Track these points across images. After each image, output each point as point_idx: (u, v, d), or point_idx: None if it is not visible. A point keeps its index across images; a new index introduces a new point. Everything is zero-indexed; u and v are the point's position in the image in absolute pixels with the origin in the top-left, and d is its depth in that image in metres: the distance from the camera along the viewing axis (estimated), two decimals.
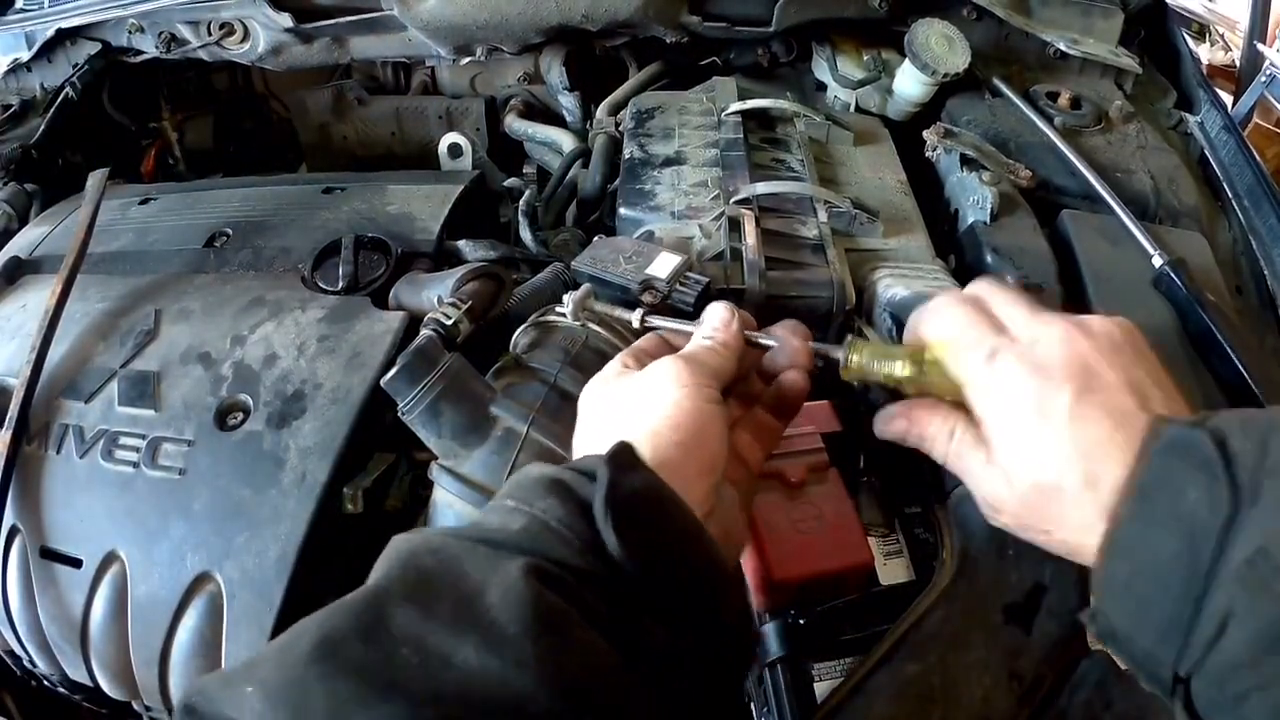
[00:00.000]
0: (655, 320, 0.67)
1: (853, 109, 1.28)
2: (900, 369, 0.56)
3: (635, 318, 0.68)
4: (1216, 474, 0.45)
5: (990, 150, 1.08)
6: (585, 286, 0.75)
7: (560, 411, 0.68)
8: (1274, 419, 0.47)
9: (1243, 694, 0.43)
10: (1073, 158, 1.08)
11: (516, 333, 0.78)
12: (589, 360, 0.72)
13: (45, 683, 0.86)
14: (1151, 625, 0.47)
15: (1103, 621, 0.50)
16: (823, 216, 0.92)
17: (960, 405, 0.55)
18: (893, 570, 0.73)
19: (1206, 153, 1.23)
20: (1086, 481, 0.49)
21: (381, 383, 0.68)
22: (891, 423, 0.59)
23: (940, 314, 0.57)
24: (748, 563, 0.71)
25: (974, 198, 0.99)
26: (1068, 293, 0.93)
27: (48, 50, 1.41)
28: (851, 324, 0.87)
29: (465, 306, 0.73)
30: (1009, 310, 0.55)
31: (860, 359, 0.58)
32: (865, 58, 1.27)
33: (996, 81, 1.23)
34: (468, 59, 1.36)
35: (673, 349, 0.60)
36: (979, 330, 0.54)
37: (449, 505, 0.68)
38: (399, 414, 0.68)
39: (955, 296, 0.58)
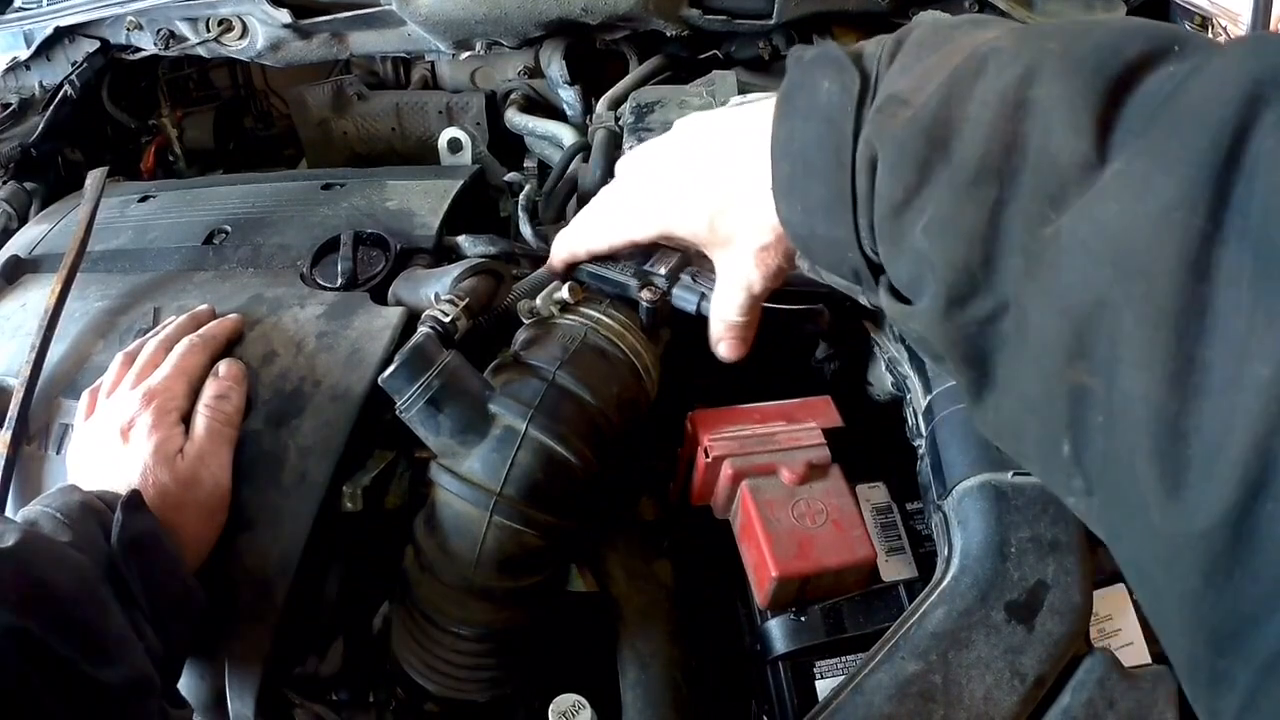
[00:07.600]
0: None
1: None
2: None
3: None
4: (845, 66, 0.49)
5: None
6: (554, 284, 0.76)
7: (559, 408, 0.68)
8: (910, 29, 0.51)
9: (910, 228, 0.44)
10: None
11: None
12: (587, 358, 0.72)
13: None
14: (821, 207, 0.50)
15: (791, 231, 0.54)
16: None
17: None
18: (895, 567, 0.72)
19: None
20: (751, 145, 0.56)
21: (379, 381, 0.68)
22: None
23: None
24: (749, 559, 0.71)
25: None
26: None
27: (46, 48, 1.40)
28: None
29: (463, 303, 0.73)
30: None
31: None
32: None
33: None
34: (467, 53, 1.36)
35: None
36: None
37: (448, 504, 0.68)
38: (397, 412, 0.67)
39: None
